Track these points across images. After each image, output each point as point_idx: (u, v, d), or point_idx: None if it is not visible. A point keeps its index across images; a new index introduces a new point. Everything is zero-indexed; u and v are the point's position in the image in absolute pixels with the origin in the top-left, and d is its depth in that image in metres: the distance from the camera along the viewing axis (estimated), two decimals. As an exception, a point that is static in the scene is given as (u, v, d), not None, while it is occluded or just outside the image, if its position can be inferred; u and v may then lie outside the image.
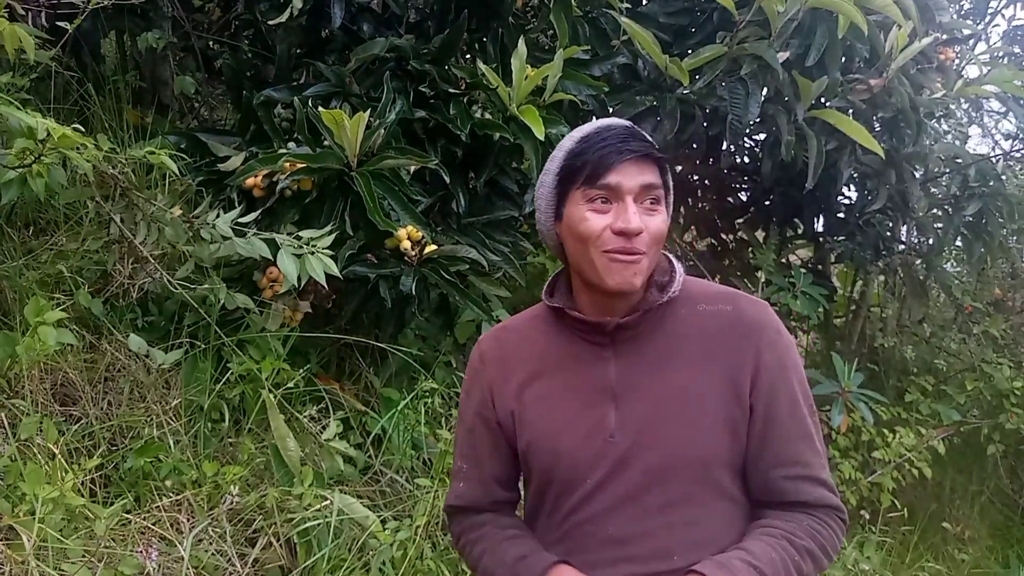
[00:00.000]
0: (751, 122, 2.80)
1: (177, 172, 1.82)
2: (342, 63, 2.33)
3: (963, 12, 4.31)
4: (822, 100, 2.99)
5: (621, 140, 1.07)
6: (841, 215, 3.67)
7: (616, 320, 1.10)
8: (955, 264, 4.32)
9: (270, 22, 2.14)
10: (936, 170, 3.57)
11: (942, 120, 3.76)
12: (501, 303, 2.58)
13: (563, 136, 2.46)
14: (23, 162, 1.47)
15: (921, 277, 3.92)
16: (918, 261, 3.91)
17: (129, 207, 1.92)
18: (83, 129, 1.64)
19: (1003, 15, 4.49)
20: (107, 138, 1.84)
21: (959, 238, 3.62)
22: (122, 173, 1.85)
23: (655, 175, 1.08)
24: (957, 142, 3.90)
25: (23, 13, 1.92)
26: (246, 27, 2.66)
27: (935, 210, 3.72)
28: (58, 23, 2.21)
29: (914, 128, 3.13)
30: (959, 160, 3.56)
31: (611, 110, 2.79)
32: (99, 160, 1.58)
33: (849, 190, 3.64)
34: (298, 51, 2.46)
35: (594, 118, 3.13)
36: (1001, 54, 4.19)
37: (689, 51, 2.80)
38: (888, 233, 3.71)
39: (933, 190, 3.65)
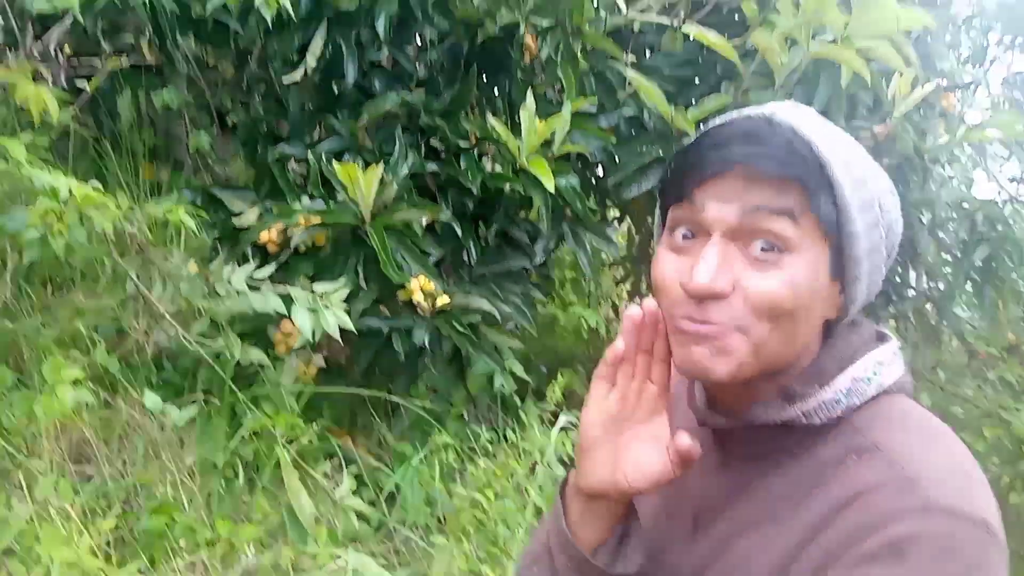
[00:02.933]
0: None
1: (194, 229, 1.84)
2: (354, 118, 2.37)
3: (963, 59, 4.38)
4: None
5: (728, 140, 0.69)
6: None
7: (708, 421, 0.78)
8: (967, 309, 4.30)
9: (284, 80, 2.18)
10: (944, 215, 3.58)
11: (947, 165, 3.78)
12: (513, 354, 2.57)
13: (572, 188, 2.53)
14: (45, 222, 1.49)
15: (933, 323, 3.91)
16: (929, 307, 3.90)
17: (145, 264, 1.94)
18: (102, 187, 1.67)
19: (1002, 61, 4.56)
20: (125, 195, 1.86)
21: (969, 283, 3.62)
22: (139, 230, 1.87)
23: (783, 199, 0.67)
24: (963, 187, 3.92)
25: (46, 77, 1.97)
26: (259, 83, 2.71)
27: (944, 255, 3.72)
28: (77, 83, 2.27)
29: (920, 174, 3.16)
30: (966, 205, 3.57)
31: (618, 161, 2.83)
32: (118, 219, 1.60)
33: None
34: (311, 107, 2.51)
35: (600, 168, 3.20)
36: (1002, 99, 4.24)
37: (694, 102, 2.85)
38: (898, 279, 3.71)
39: (941, 235, 3.65)
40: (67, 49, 2.22)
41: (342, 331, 1.95)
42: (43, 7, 1.54)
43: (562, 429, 2.53)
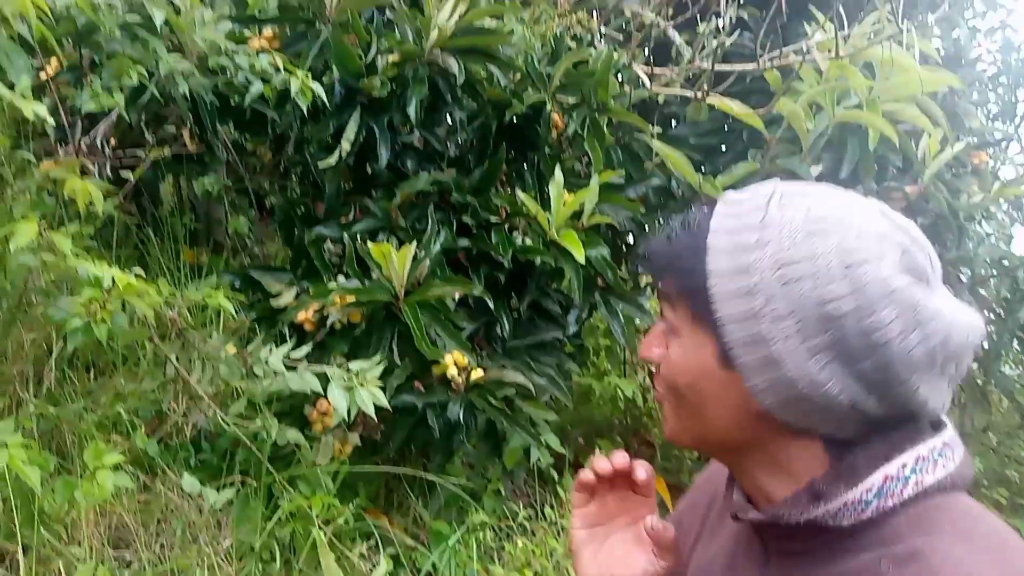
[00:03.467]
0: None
1: (233, 312, 1.87)
2: (388, 198, 2.42)
3: (992, 115, 4.37)
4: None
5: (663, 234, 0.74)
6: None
7: (740, 514, 0.75)
8: (1014, 367, 4.18)
9: (320, 165, 2.25)
10: (983, 273, 3.52)
11: (984, 223, 3.73)
12: (549, 426, 2.55)
13: (603, 258, 2.54)
14: (89, 310, 1.53)
15: (980, 383, 3.79)
16: (976, 367, 3.80)
17: (185, 346, 1.97)
18: (144, 273, 1.72)
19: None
20: (166, 280, 1.91)
21: (1015, 341, 3.53)
22: (179, 314, 1.91)
23: (665, 284, 0.74)
24: (1002, 244, 3.86)
25: (92, 170, 2.05)
26: (296, 167, 2.80)
27: (987, 314, 3.64)
28: (122, 173, 2.36)
29: (956, 233, 3.12)
30: (1006, 262, 3.51)
31: (648, 229, 2.84)
32: (159, 305, 1.64)
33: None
34: (346, 188, 2.58)
35: (631, 238, 3.21)
36: (1035, 154, 4.20)
37: (721, 168, 2.86)
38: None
39: (983, 293, 3.58)
40: (112, 141, 2.31)
41: (377, 409, 1.95)
42: (92, 107, 1.62)
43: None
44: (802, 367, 0.64)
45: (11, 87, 1.40)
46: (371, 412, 1.92)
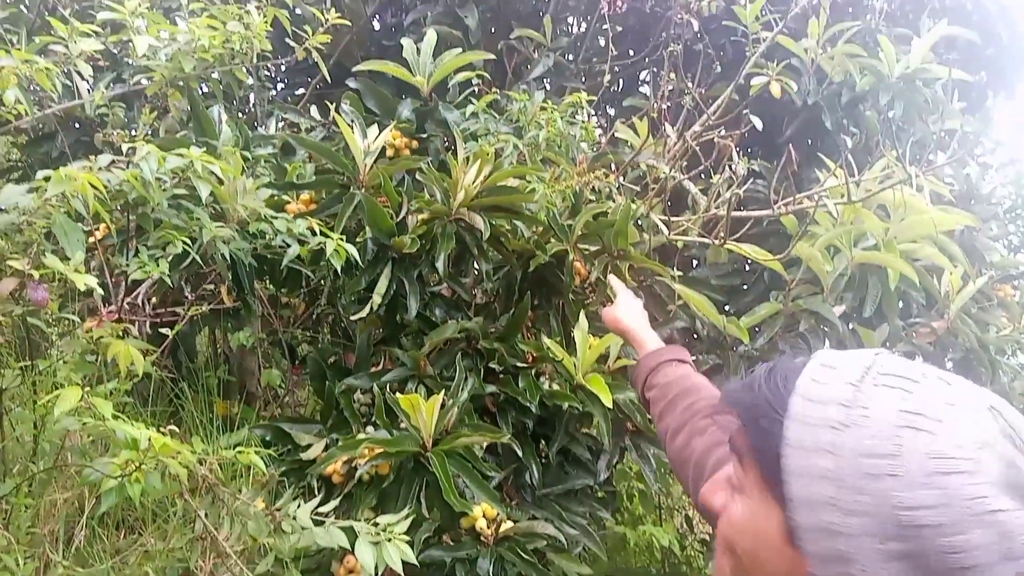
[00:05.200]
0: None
1: (264, 468, 1.89)
2: (417, 347, 2.47)
3: (1013, 247, 4.40)
4: (888, 347, 3.00)
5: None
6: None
7: None
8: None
9: (352, 317, 2.32)
10: (1021, 407, 3.45)
11: (1016, 355, 3.69)
12: (582, 580, 2.46)
13: (631, 401, 2.54)
14: (124, 471, 1.56)
15: None
16: None
17: (215, 503, 1.97)
18: (177, 428, 1.75)
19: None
20: (199, 437, 1.94)
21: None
22: (211, 470, 1.93)
23: (738, 438, 0.69)
24: (1037, 376, 3.79)
25: (133, 330, 2.14)
26: (328, 317, 2.89)
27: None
28: (161, 330, 2.45)
29: (988, 367, 3.09)
30: (1044, 394, 3.44)
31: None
32: (193, 464, 1.66)
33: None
34: (376, 336, 2.64)
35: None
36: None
37: (745, 308, 2.90)
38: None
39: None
40: (153, 299, 2.42)
41: (406, 564, 1.91)
42: (139, 276, 1.71)
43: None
44: (873, 569, 0.57)
45: (65, 259, 1.49)
46: (399, 569, 1.89)
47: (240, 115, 3.13)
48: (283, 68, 3.73)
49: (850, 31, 3.28)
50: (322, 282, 2.57)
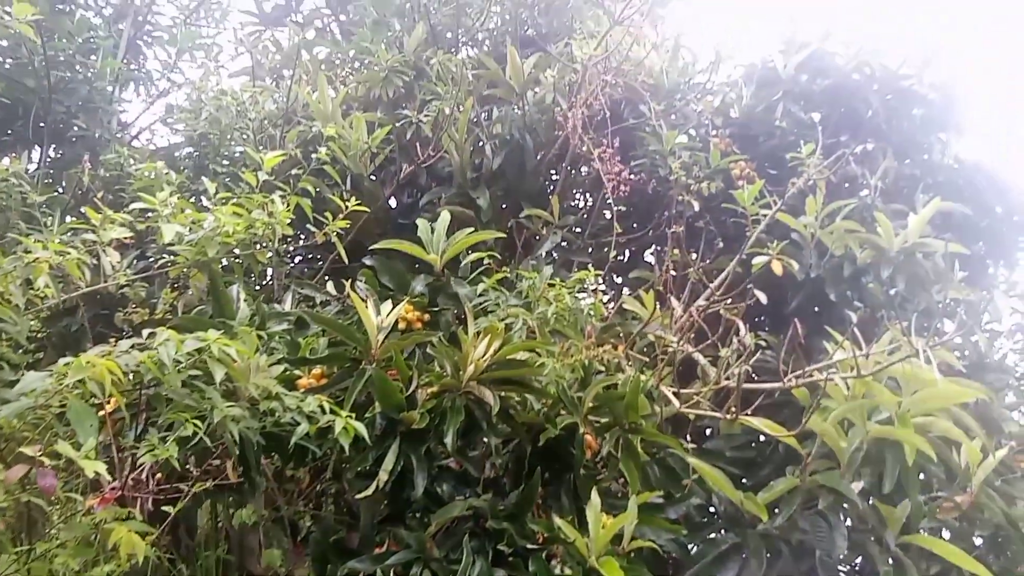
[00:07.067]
0: (840, 556, 2.69)
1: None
2: (423, 526, 2.39)
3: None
4: (910, 524, 2.88)
5: None
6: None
7: None
8: None
9: (357, 496, 2.27)
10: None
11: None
12: None
13: (646, 586, 2.41)
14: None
15: None
16: None
17: None
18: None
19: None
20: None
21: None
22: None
23: None
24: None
25: (134, 505, 2.09)
26: (332, 492, 2.82)
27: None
28: (163, 507, 2.39)
29: (1019, 544, 2.95)
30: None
31: (692, 552, 2.73)
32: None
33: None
34: (381, 513, 2.56)
35: (669, 562, 3.06)
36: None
37: (761, 482, 2.81)
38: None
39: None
40: (158, 476, 2.38)
41: None
42: (147, 459, 1.70)
43: None
44: None
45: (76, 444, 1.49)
46: None
47: (257, 288, 3.22)
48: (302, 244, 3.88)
49: (847, 207, 3.41)
50: (328, 452, 2.53)
